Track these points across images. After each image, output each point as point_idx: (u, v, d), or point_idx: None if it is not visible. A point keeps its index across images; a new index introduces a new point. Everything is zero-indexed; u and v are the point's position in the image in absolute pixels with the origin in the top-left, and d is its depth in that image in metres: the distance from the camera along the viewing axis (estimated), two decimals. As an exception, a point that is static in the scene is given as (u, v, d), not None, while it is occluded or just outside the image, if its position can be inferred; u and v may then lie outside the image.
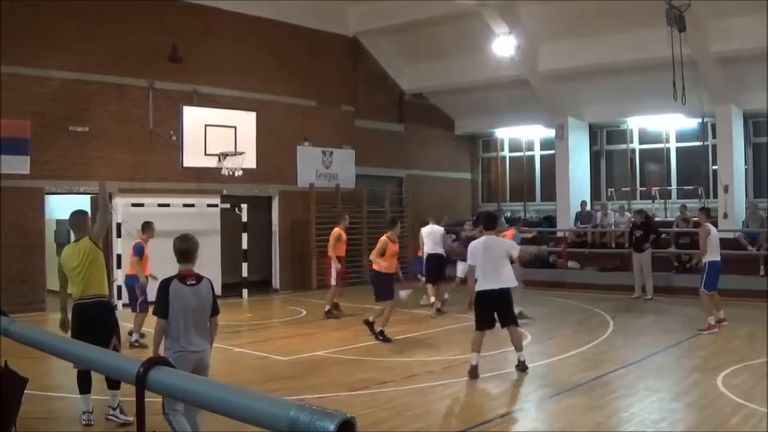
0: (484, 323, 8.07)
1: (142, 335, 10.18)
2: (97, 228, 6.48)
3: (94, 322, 6.17)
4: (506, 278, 8.09)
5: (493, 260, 8.03)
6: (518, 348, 8.25)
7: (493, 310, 8.04)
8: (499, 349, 9.65)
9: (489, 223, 8.55)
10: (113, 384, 6.11)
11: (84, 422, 6.21)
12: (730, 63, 15.84)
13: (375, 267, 10.74)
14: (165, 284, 5.15)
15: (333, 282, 13.22)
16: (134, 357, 2.09)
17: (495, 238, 8.43)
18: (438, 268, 13.63)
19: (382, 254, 10.56)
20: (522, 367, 8.22)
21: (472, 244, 8.36)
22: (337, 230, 13.36)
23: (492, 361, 9.03)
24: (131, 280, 10.47)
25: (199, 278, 5.21)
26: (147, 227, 10.79)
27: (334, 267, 13.12)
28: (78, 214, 6.66)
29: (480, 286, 8.04)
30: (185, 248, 5.28)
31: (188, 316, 5.07)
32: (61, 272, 6.47)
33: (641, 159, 20.44)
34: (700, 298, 11.10)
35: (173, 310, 5.05)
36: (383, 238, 10.78)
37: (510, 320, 8.16)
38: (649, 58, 15.66)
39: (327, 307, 13.12)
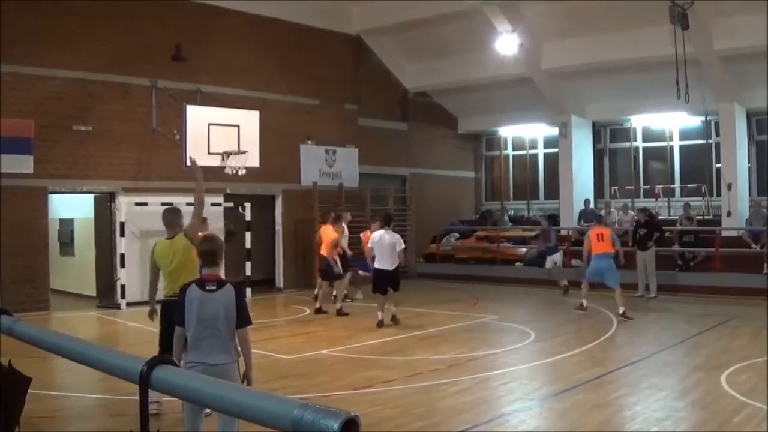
0: (377, 290, 11.73)
1: None
2: (193, 224, 6.38)
3: None
4: (393, 262, 11.55)
5: (385, 249, 11.52)
6: (396, 305, 11.84)
7: (386, 282, 11.60)
8: (502, 348, 9.66)
9: (387, 220, 11.98)
10: None
11: (153, 411, 6.17)
12: (734, 61, 15.78)
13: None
14: (183, 289, 4.83)
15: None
16: (138, 357, 2.09)
17: (389, 232, 11.67)
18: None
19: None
20: (395, 319, 11.68)
21: (373, 235, 11.90)
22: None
23: (494, 359, 9.04)
24: None
25: (221, 284, 4.75)
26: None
27: None
28: (171, 211, 6.64)
29: (377, 266, 11.66)
30: (207, 249, 4.98)
31: (203, 325, 4.65)
32: (153, 267, 6.54)
33: (644, 157, 20.42)
34: None
35: (188, 317, 4.68)
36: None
37: (396, 288, 11.79)
38: (653, 56, 15.60)
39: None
